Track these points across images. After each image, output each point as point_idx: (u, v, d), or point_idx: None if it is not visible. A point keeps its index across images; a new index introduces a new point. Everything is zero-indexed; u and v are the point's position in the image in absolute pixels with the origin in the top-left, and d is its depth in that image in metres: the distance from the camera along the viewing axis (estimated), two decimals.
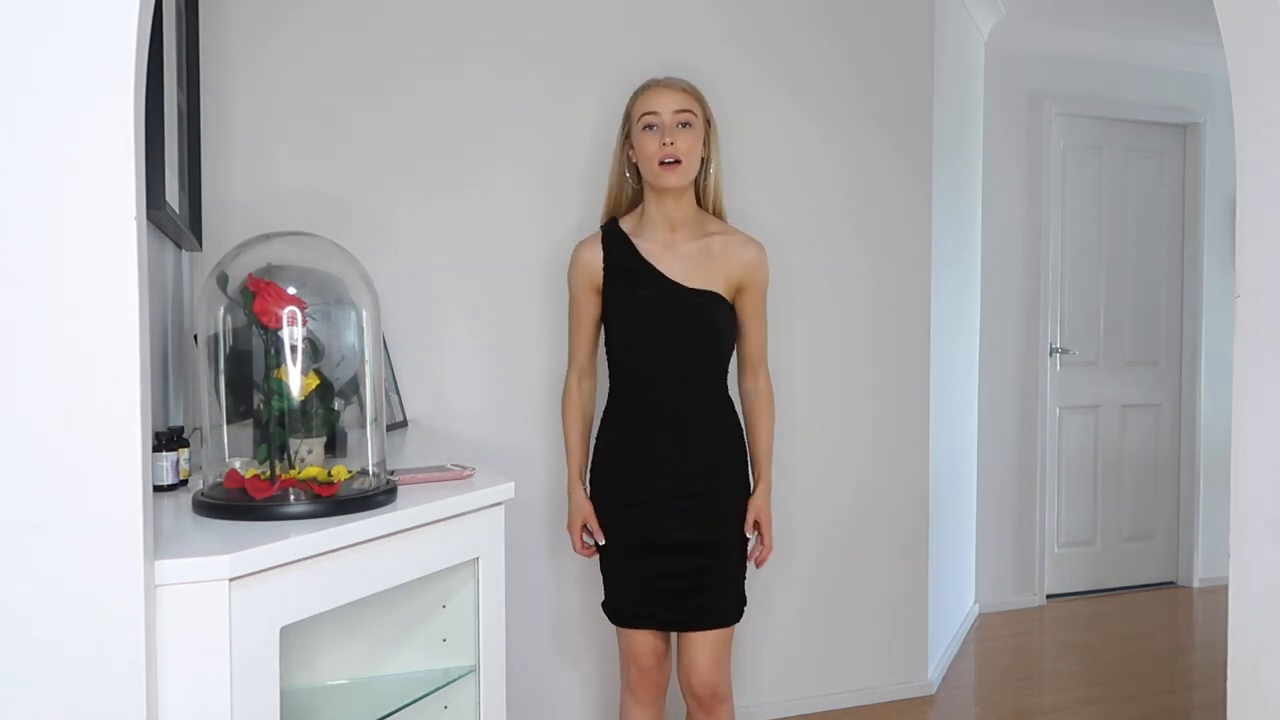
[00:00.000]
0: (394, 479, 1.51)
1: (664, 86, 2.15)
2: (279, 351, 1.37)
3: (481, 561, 1.60)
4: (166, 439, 1.50)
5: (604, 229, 2.22)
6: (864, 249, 3.17)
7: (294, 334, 1.37)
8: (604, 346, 2.23)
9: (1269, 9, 1.45)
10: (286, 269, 1.44)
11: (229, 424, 1.42)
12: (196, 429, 1.57)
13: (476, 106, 2.73)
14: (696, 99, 2.15)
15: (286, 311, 1.37)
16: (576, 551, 2.25)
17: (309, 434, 1.41)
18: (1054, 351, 4.46)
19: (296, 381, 1.38)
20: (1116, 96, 4.53)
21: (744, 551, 2.21)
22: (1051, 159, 4.41)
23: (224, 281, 1.40)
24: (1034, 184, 4.38)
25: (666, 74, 2.25)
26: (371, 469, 1.46)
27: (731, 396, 2.24)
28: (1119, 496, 4.67)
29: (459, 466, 1.68)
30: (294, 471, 1.38)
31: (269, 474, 1.37)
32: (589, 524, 2.20)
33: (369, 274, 1.51)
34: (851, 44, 3.13)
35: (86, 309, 1.04)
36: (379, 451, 1.47)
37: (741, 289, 2.18)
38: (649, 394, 2.15)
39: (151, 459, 1.19)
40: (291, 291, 1.39)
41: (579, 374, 2.26)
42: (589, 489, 2.23)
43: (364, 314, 1.48)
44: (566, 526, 2.26)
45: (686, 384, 2.15)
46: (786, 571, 3.05)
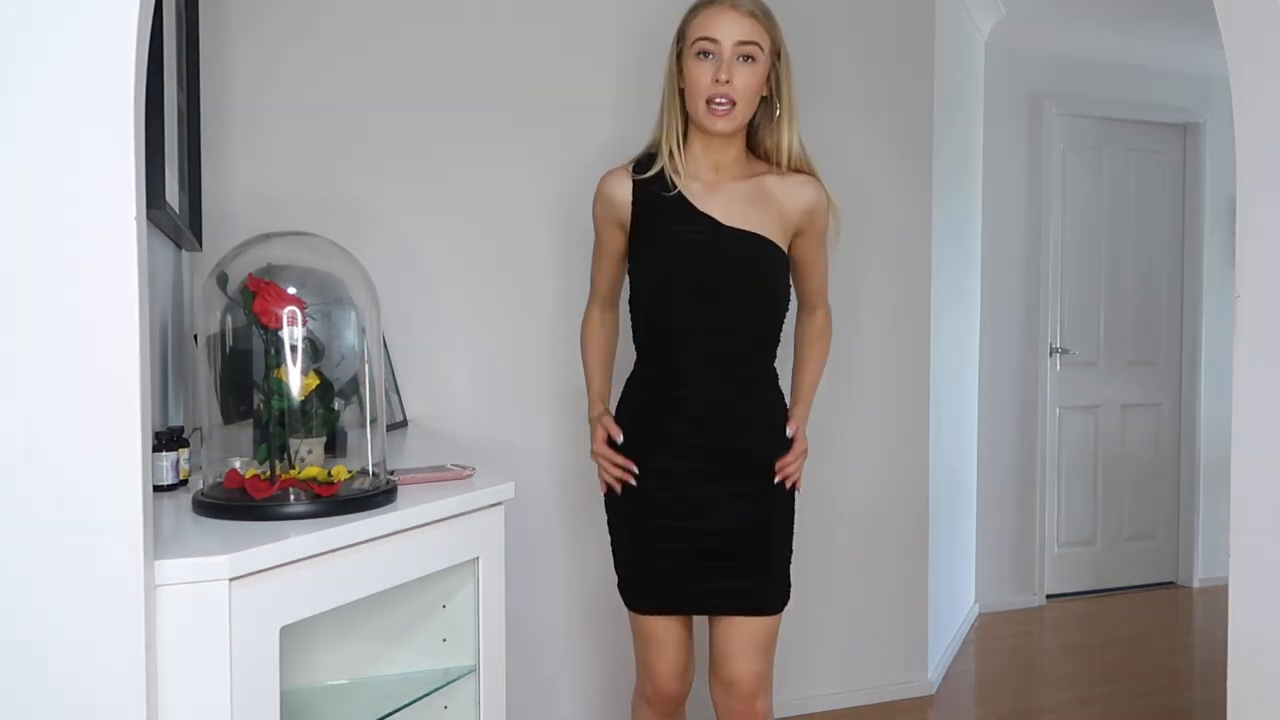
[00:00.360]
0: (394, 479, 1.51)
1: (729, 8, 1.80)
2: (279, 351, 1.37)
3: (481, 561, 1.60)
4: (166, 439, 1.50)
5: (637, 160, 1.94)
6: (864, 249, 3.17)
7: (294, 334, 1.37)
8: (629, 302, 1.99)
9: (1269, 9, 1.45)
10: (286, 269, 1.44)
11: (229, 424, 1.42)
12: (196, 429, 1.57)
13: (477, 106, 2.73)
14: (767, 26, 1.83)
15: (286, 311, 1.37)
16: (612, 476, 1.95)
17: (309, 434, 1.41)
18: (1054, 351, 4.46)
19: (296, 381, 1.38)
20: (1116, 96, 4.53)
21: (789, 533, 1.99)
22: (1051, 159, 4.41)
23: (224, 281, 1.40)
24: (1034, 184, 4.38)
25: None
26: (371, 469, 1.46)
27: (778, 370, 1.99)
28: (1119, 496, 4.67)
29: (459, 466, 1.68)
30: (294, 471, 1.38)
31: (269, 474, 1.37)
32: (611, 432, 1.94)
33: (369, 274, 1.51)
34: (851, 44, 3.13)
35: (86, 309, 1.04)
36: (379, 451, 1.47)
37: (800, 233, 1.92)
38: (681, 353, 1.87)
39: (151, 459, 1.19)
40: (291, 291, 1.39)
41: (600, 305, 2.05)
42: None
43: (364, 314, 1.48)
44: (591, 455, 2.00)
45: (727, 344, 1.87)
46: None
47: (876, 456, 3.22)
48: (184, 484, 1.52)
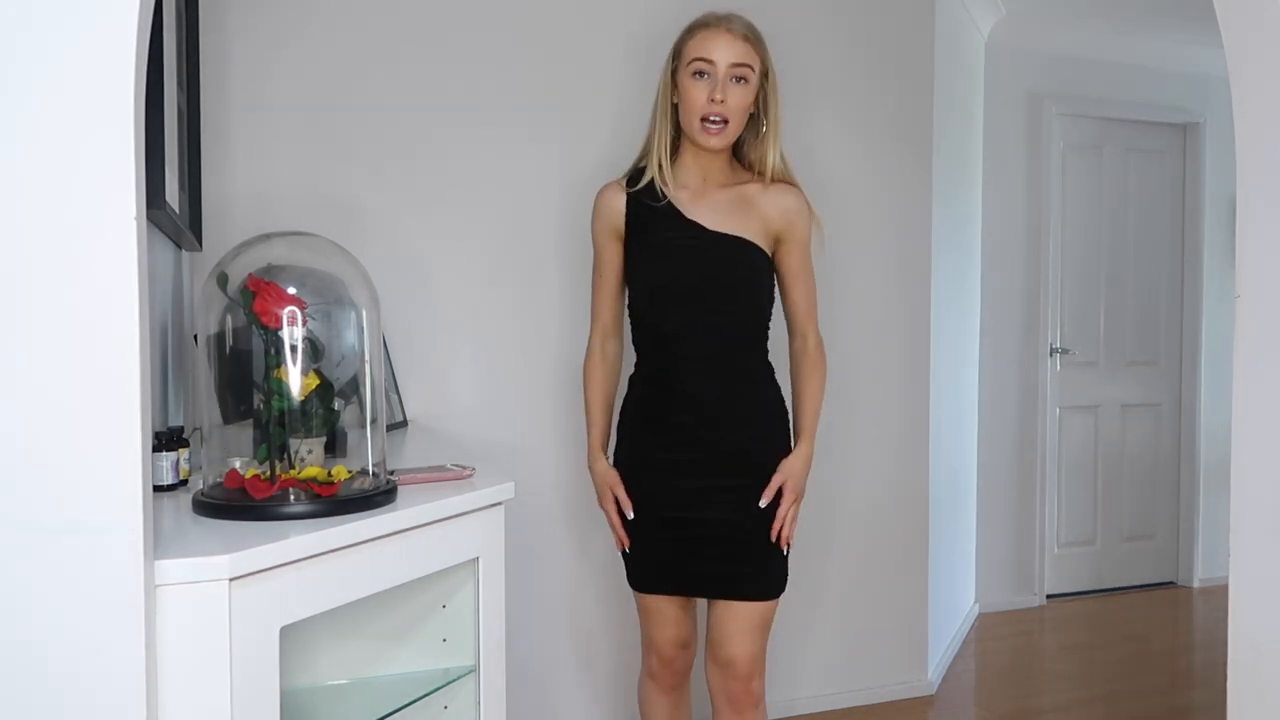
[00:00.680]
0: (394, 479, 1.51)
1: (724, 31, 1.92)
2: (279, 351, 1.37)
3: (481, 561, 1.60)
4: (166, 439, 1.50)
5: (629, 173, 2.06)
6: (864, 249, 3.17)
7: (294, 334, 1.37)
8: (627, 309, 2.08)
9: (1269, 9, 1.45)
10: (286, 269, 1.44)
11: (229, 424, 1.42)
12: (196, 429, 1.57)
13: (478, 105, 2.73)
14: (757, 49, 1.95)
15: (286, 311, 1.37)
16: (615, 528, 2.05)
17: (309, 434, 1.41)
18: (1054, 351, 4.46)
19: (296, 381, 1.38)
20: (1116, 96, 4.53)
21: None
22: (1051, 159, 4.41)
23: (224, 281, 1.40)
24: (1034, 184, 4.38)
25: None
26: (371, 469, 1.46)
27: (773, 363, 2.08)
28: (1119, 496, 4.67)
29: (459, 466, 1.68)
30: (294, 471, 1.38)
31: (269, 474, 1.37)
32: (618, 494, 2.02)
33: (369, 274, 1.51)
34: (851, 44, 3.13)
35: (86, 309, 1.04)
36: (379, 451, 1.47)
37: (781, 240, 2.01)
38: (677, 353, 1.97)
39: (151, 459, 1.19)
40: (291, 291, 1.39)
41: (603, 335, 2.10)
42: (612, 458, 2.10)
43: (364, 314, 1.48)
44: (598, 503, 2.09)
45: (718, 342, 1.97)
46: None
47: (877, 456, 3.22)
48: (184, 484, 1.52)
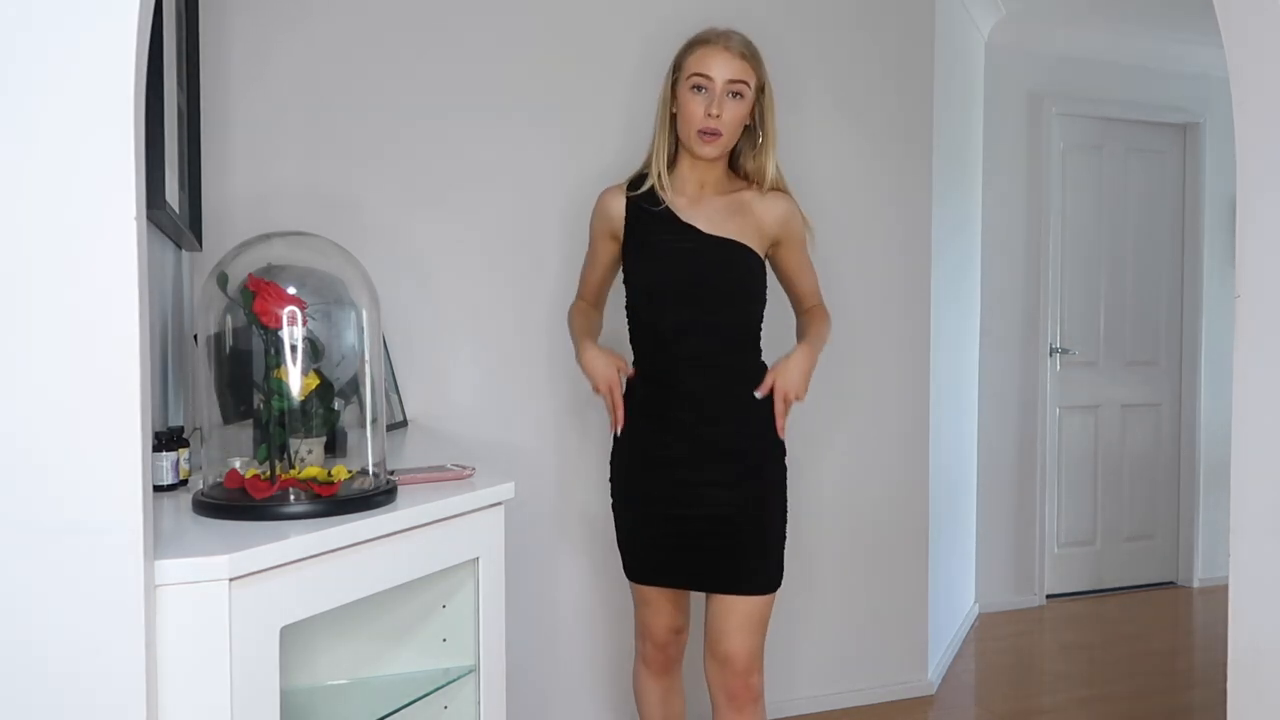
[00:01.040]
0: (394, 479, 1.51)
1: (722, 49, 2.00)
2: (279, 351, 1.37)
3: (481, 561, 1.60)
4: (166, 439, 1.50)
5: (631, 179, 2.14)
6: (864, 249, 3.17)
7: (294, 334, 1.37)
8: (625, 309, 2.14)
9: (1269, 9, 1.45)
10: (286, 269, 1.44)
11: (229, 424, 1.42)
12: (196, 429, 1.57)
13: (479, 106, 2.73)
14: (754, 65, 2.02)
15: (286, 311, 1.37)
16: (614, 407, 2.07)
17: (309, 434, 1.41)
18: (1054, 351, 4.46)
19: (296, 381, 1.38)
20: (1116, 96, 4.53)
21: (783, 518, 2.10)
22: (1051, 159, 4.41)
23: (224, 281, 1.40)
24: (1034, 184, 4.38)
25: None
26: (371, 469, 1.46)
27: (766, 364, 2.13)
28: (1119, 496, 4.67)
29: (459, 466, 1.68)
30: (294, 471, 1.38)
31: (269, 474, 1.37)
32: (620, 367, 2.06)
33: (369, 274, 1.51)
34: (852, 44, 3.13)
35: (86, 309, 1.04)
36: (379, 451, 1.47)
37: (778, 243, 2.11)
38: (675, 353, 2.03)
39: (151, 459, 1.19)
40: (291, 291, 1.39)
41: (584, 302, 2.22)
42: (610, 455, 2.16)
43: (364, 314, 1.48)
44: (595, 389, 2.09)
45: (716, 343, 2.04)
46: (786, 572, 3.04)
47: (877, 456, 3.22)
48: (184, 484, 1.52)
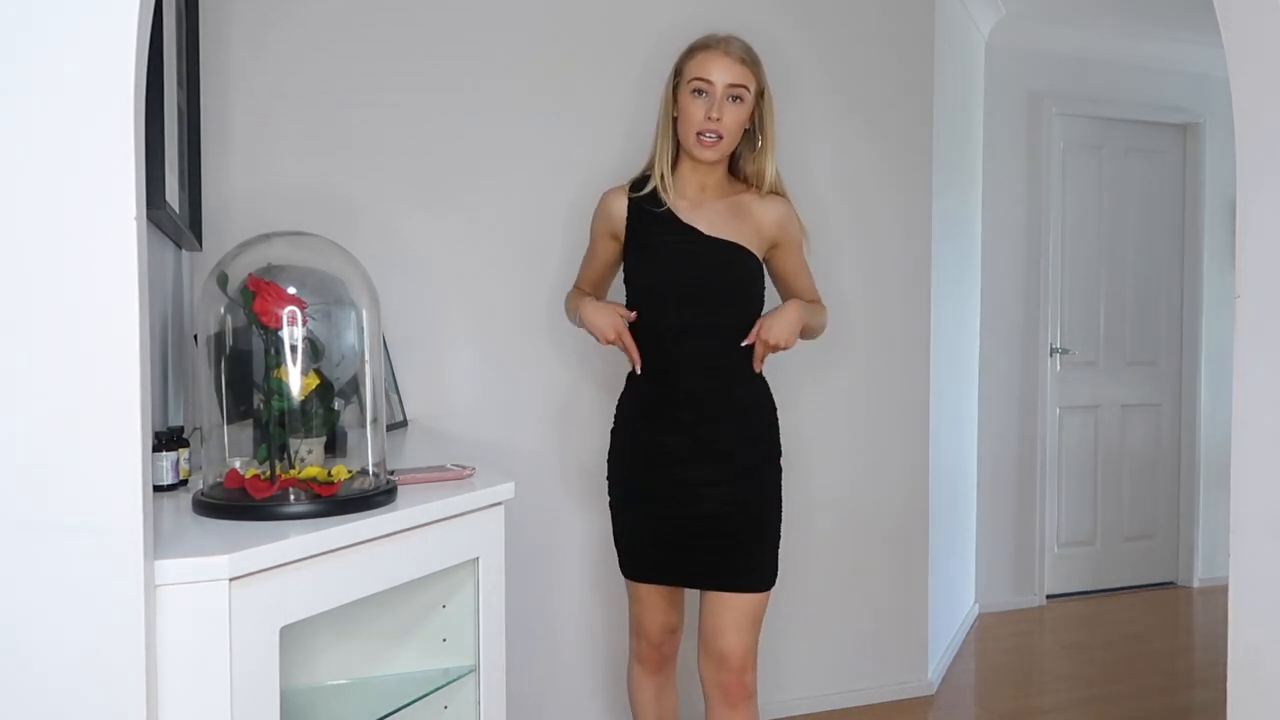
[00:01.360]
0: (394, 479, 1.51)
1: (722, 54, 2.02)
2: (279, 351, 1.37)
3: (481, 561, 1.60)
4: (166, 439, 1.50)
5: (633, 180, 2.15)
6: (864, 249, 3.17)
7: (294, 334, 1.37)
8: (626, 308, 2.14)
9: (1269, 9, 1.45)
10: (286, 269, 1.44)
11: (229, 424, 1.42)
12: (196, 429, 1.57)
13: (478, 106, 2.73)
14: (754, 70, 2.05)
15: (286, 311, 1.37)
16: (629, 348, 2.06)
17: (309, 434, 1.41)
18: (1054, 351, 4.46)
19: (296, 381, 1.38)
20: (1116, 97, 4.53)
21: (777, 517, 2.13)
22: (1051, 159, 4.41)
23: (224, 281, 1.40)
24: (1034, 184, 4.38)
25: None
26: (371, 469, 1.46)
27: (769, 377, 2.15)
28: (1119, 496, 4.67)
29: (459, 466, 1.68)
30: (294, 471, 1.38)
31: (269, 474, 1.37)
32: (622, 314, 2.06)
33: (369, 274, 1.51)
34: (851, 44, 3.13)
35: (86, 309, 1.04)
36: (379, 451, 1.47)
37: (776, 245, 2.13)
38: (676, 352, 2.05)
39: (151, 459, 1.19)
40: (291, 291, 1.39)
41: (580, 291, 2.24)
42: (607, 453, 2.17)
43: (364, 314, 1.48)
44: (603, 339, 2.08)
45: (716, 344, 2.06)
46: (786, 571, 3.04)
47: (876, 456, 3.22)
48: (184, 484, 1.52)
